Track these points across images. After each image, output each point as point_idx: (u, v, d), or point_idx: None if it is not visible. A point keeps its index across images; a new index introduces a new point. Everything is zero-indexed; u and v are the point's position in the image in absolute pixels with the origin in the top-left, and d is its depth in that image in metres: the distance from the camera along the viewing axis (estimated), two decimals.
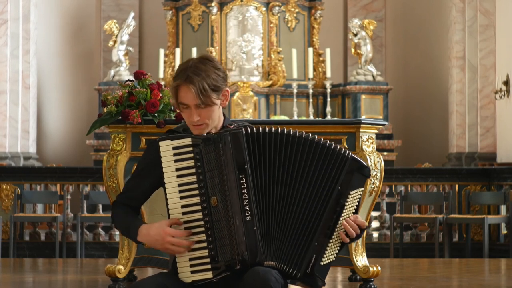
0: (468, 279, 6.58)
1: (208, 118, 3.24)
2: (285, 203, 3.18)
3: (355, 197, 3.24)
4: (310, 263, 3.17)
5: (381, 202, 10.87)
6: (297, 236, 3.18)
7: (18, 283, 6.18)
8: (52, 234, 10.57)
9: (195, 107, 3.21)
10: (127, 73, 13.76)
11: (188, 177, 3.16)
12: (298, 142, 3.20)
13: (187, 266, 3.18)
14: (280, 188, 3.18)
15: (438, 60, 14.60)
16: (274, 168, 3.18)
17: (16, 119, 12.94)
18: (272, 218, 3.17)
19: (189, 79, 3.18)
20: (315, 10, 14.16)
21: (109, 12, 15.39)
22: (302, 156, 3.19)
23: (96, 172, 10.60)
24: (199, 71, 3.19)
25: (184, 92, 3.21)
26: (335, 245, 3.23)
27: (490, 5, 12.75)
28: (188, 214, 3.17)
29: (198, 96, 3.18)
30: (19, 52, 13.02)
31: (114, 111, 5.27)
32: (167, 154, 3.18)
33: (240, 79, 13.62)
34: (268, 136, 3.19)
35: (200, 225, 3.16)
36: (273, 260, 3.16)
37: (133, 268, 5.62)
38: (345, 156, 3.21)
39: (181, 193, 3.17)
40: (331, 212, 3.20)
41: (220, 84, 3.22)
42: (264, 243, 3.15)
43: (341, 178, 3.20)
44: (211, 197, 3.14)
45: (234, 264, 3.13)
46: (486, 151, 12.80)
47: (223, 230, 3.14)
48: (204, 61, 3.23)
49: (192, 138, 3.18)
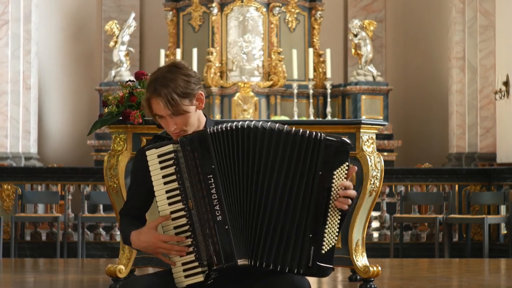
0: (468, 279, 6.60)
1: (185, 125, 3.27)
2: (259, 198, 3.16)
3: (341, 175, 3.19)
4: (310, 256, 3.15)
5: (381, 202, 10.88)
6: (287, 232, 3.16)
7: (19, 283, 6.19)
8: (53, 234, 10.58)
9: (169, 116, 3.25)
10: (128, 74, 13.78)
11: (172, 183, 3.20)
12: (269, 134, 3.17)
13: (181, 271, 3.22)
14: (251, 184, 3.17)
15: (438, 60, 14.62)
16: (243, 165, 3.17)
17: (17, 120, 12.96)
18: (247, 215, 3.16)
19: (157, 92, 3.21)
20: (316, 11, 14.17)
21: (110, 13, 15.41)
22: (275, 148, 3.17)
23: (97, 172, 10.61)
24: (166, 82, 3.21)
25: (155, 104, 3.25)
26: (332, 229, 3.19)
27: (490, 5, 12.77)
28: (176, 220, 3.21)
29: (167, 107, 3.21)
30: (20, 53, 13.04)
31: (115, 111, 5.29)
32: (153, 163, 3.22)
33: (241, 80, 13.64)
34: (233, 132, 3.18)
35: (186, 229, 3.20)
36: (271, 263, 3.15)
37: (134, 268, 5.63)
38: (318, 140, 3.17)
39: (168, 200, 3.20)
40: (319, 198, 3.16)
41: (191, 90, 3.23)
42: (239, 241, 3.15)
43: (320, 163, 3.16)
44: (188, 201, 3.18)
45: (211, 263, 3.14)
46: (486, 151, 12.82)
47: (199, 232, 3.16)
48: (172, 69, 3.24)
49: (172, 145, 3.21)
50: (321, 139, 3.17)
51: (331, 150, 3.16)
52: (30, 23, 13.15)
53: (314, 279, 6.16)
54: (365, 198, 5.36)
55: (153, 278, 3.24)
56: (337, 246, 5.39)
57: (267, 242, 3.16)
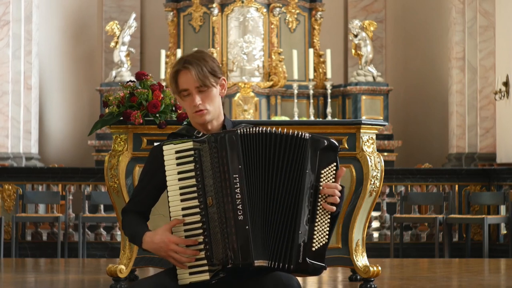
0: (468, 279, 6.61)
1: (209, 103, 3.34)
2: (268, 199, 3.21)
3: (329, 174, 3.25)
4: (300, 253, 3.18)
5: (381, 202, 10.90)
6: (280, 230, 3.19)
7: (20, 283, 6.21)
8: (54, 234, 10.60)
9: (196, 90, 3.32)
10: (129, 74, 13.80)
11: (188, 180, 3.21)
12: (274, 138, 3.24)
13: (186, 268, 3.22)
14: (266, 186, 3.22)
15: (438, 61, 14.63)
16: (262, 168, 3.22)
17: (18, 120, 12.97)
18: (260, 215, 3.20)
19: (187, 63, 3.32)
20: (316, 11, 14.19)
21: (111, 13, 15.43)
22: (275, 151, 3.23)
23: (98, 172, 10.63)
24: (195, 58, 3.34)
25: (184, 77, 3.32)
26: (322, 227, 3.23)
27: (489, 6, 12.78)
28: (187, 216, 3.21)
29: (197, 77, 3.31)
30: (21, 53, 13.05)
31: (115, 111, 5.31)
32: (170, 158, 3.24)
33: (241, 80, 13.65)
34: (260, 136, 3.23)
35: (198, 227, 3.20)
36: (262, 259, 3.17)
37: (134, 268, 5.65)
38: (303, 139, 3.23)
39: (181, 196, 3.22)
40: (307, 196, 3.21)
41: (217, 70, 3.36)
42: (256, 241, 3.17)
43: (306, 162, 3.22)
44: (207, 198, 3.19)
45: (226, 262, 3.15)
46: (486, 152, 12.83)
47: (217, 230, 3.17)
48: (200, 51, 3.40)
49: (193, 142, 3.24)
50: (305, 138, 3.24)
51: (317, 148, 3.23)
52: (31, 23, 13.17)
53: (314, 280, 6.17)
54: (365, 198, 5.38)
55: (158, 279, 3.25)
56: (338, 246, 5.41)
57: (276, 242, 3.19)
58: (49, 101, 14.84)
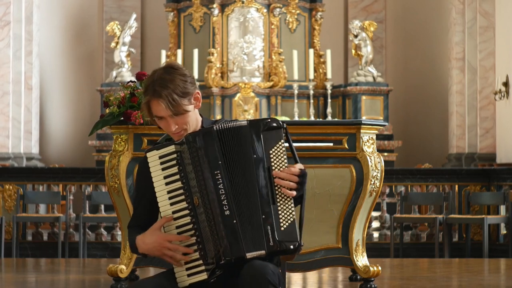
0: (468, 279, 6.62)
1: (185, 124, 3.33)
2: (245, 190, 3.23)
3: (279, 152, 3.26)
4: (269, 236, 3.18)
5: (381, 202, 10.91)
6: (252, 218, 3.21)
7: (21, 283, 6.22)
8: (55, 234, 10.61)
9: (170, 117, 3.30)
10: (129, 74, 13.81)
11: (175, 183, 3.24)
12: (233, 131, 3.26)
13: (183, 271, 3.24)
14: (244, 178, 3.23)
15: (438, 61, 14.64)
16: (239, 160, 3.24)
17: (19, 120, 12.99)
18: (245, 207, 3.22)
19: (157, 94, 3.27)
20: (316, 12, 14.20)
21: (111, 14, 15.44)
22: (235, 144, 3.25)
23: (98, 172, 10.64)
24: (165, 83, 3.27)
25: (156, 106, 3.29)
26: (286, 206, 3.23)
27: (489, 6, 12.79)
28: (178, 219, 3.24)
29: (169, 108, 3.27)
30: (21, 53, 13.06)
31: (116, 112, 5.32)
32: (154, 164, 3.27)
33: (241, 80, 13.66)
34: (232, 130, 3.25)
35: (190, 228, 3.23)
36: (254, 251, 3.19)
37: (135, 268, 5.66)
38: (242, 125, 3.26)
39: (170, 200, 3.25)
40: (262, 179, 3.22)
41: (188, 90, 3.30)
42: (245, 234, 3.19)
43: (251, 146, 3.24)
44: (194, 198, 3.21)
45: (219, 259, 3.17)
46: (486, 152, 12.83)
47: (207, 228, 3.20)
48: (169, 71, 3.31)
49: (175, 145, 3.26)
50: (243, 124, 3.26)
51: (258, 131, 3.24)
52: (31, 24, 13.18)
53: (314, 280, 6.19)
54: (366, 198, 5.39)
55: (158, 280, 3.27)
56: (338, 246, 5.42)
57: (250, 232, 3.20)
58: (50, 101, 14.85)
